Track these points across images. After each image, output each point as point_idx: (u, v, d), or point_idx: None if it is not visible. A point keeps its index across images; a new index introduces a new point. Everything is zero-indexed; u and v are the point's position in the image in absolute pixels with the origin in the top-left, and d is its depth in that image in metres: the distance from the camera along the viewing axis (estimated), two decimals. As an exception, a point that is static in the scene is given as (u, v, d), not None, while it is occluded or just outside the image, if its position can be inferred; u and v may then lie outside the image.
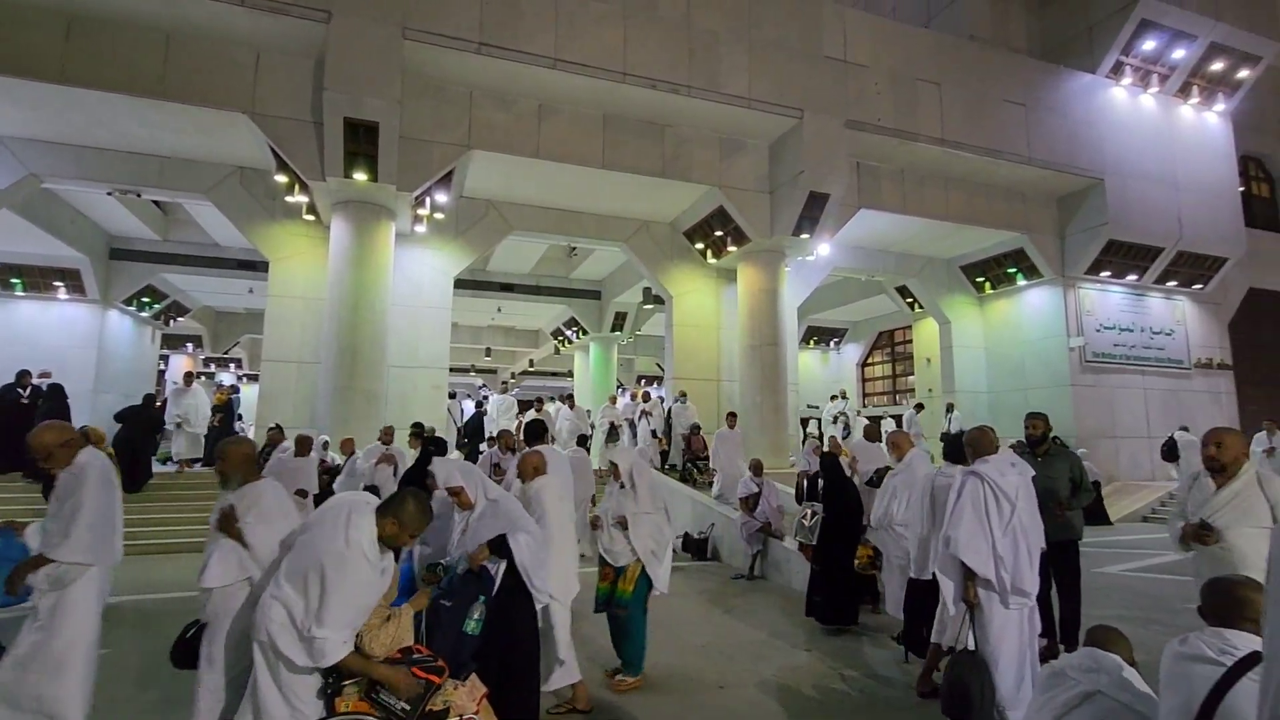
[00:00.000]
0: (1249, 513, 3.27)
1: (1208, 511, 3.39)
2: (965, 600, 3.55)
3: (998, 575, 3.47)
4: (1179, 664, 1.66)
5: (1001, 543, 3.51)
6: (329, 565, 2.26)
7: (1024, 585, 3.46)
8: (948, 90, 12.60)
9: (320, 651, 2.22)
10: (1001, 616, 3.48)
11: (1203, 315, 15.66)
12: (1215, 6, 14.22)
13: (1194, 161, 14.74)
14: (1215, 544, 3.32)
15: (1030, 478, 3.70)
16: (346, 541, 2.31)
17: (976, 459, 3.81)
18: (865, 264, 15.08)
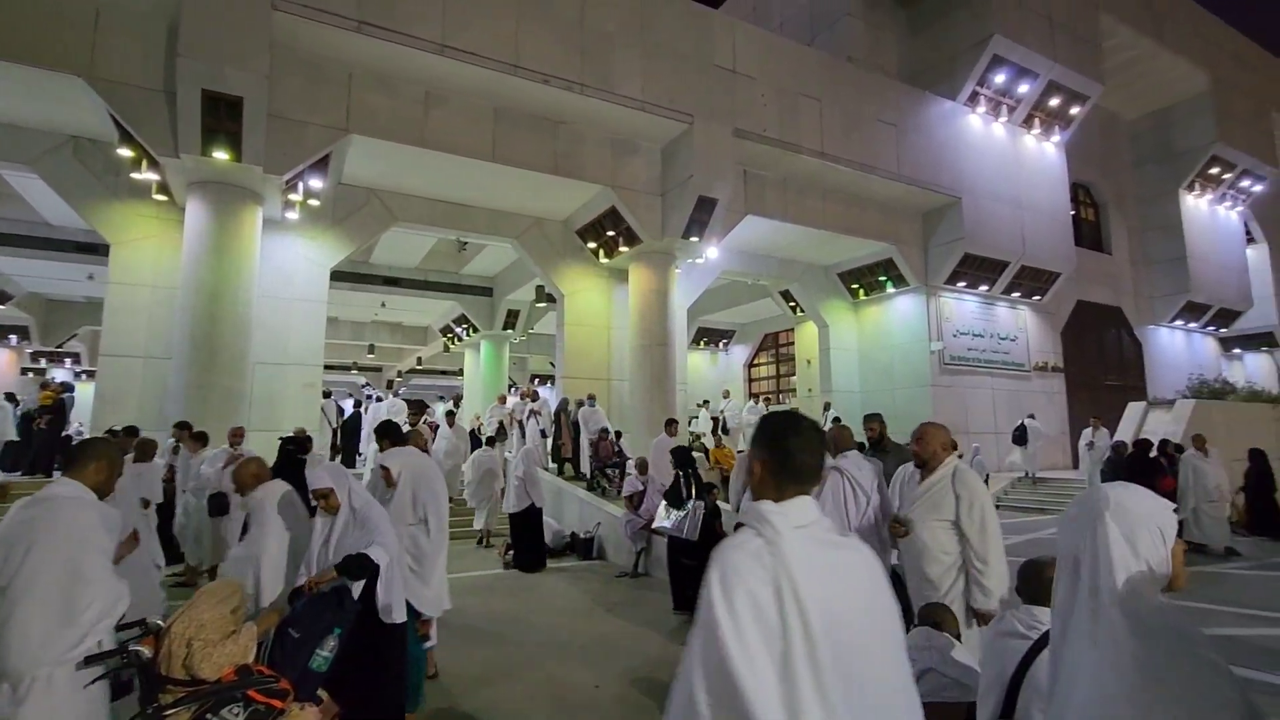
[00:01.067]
0: (938, 507, 3.35)
1: (907, 505, 3.50)
2: None
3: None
4: (996, 640, 1.83)
5: (858, 533, 3.75)
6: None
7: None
8: (827, 106, 13.34)
9: None
10: None
11: (1040, 323, 17.55)
12: (1053, 49, 15.98)
13: (1035, 186, 16.48)
14: (905, 536, 3.43)
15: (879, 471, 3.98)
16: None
17: (838, 454, 4.05)
18: (752, 268, 15.68)
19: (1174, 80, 20.11)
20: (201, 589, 2.57)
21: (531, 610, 6.28)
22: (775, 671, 1.13)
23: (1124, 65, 18.91)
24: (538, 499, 8.12)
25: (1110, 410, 15.62)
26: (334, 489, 3.16)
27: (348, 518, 3.17)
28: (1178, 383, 18.56)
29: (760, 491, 1.38)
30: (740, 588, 1.17)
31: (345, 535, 3.15)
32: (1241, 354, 24.25)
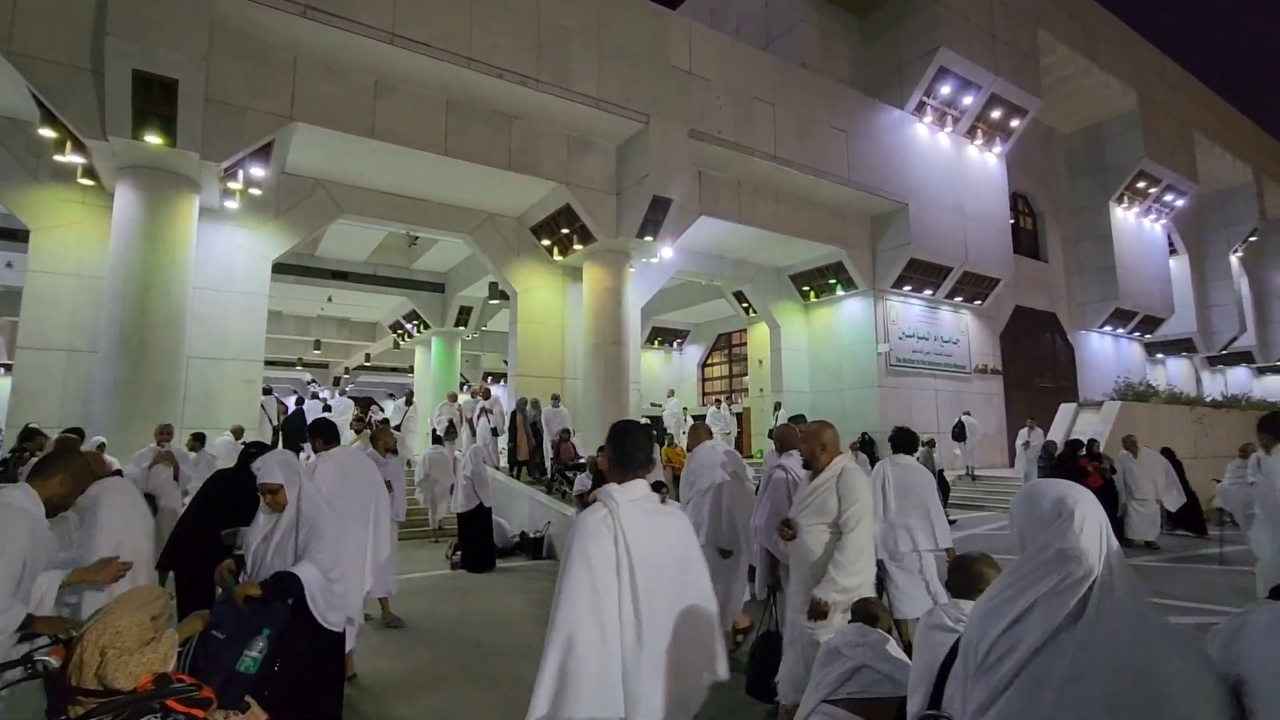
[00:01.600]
0: (822, 510, 3.26)
1: (794, 507, 3.43)
2: (769, 585, 3.83)
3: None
4: (926, 633, 1.88)
5: None
6: None
7: None
8: (781, 111, 13.56)
9: None
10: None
11: (981, 327, 18.22)
12: (995, 63, 16.62)
13: (977, 194, 17.10)
14: (792, 539, 3.33)
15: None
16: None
17: (783, 453, 4.12)
18: (706, 268, 15.82)
19: (1106, 98, 21.18)
20: (120, 595, 2.44)
21: (477, 611, 6.19)
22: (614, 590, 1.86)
23: (1060, 81, 19.79)
24: (486, 499, 8.01)
25: (1044, 411, 16.34)
26: (283, 485, 3.01)
27: (292, 520, 3.03)
28: (1106, 385, 19.54)
29: (609, 477, 2.10)
30: (593, 541, 1.89)
31: (286, 539, 3.01)
32: (1164, 359, 25.70)
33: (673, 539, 2.03)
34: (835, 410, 16.16)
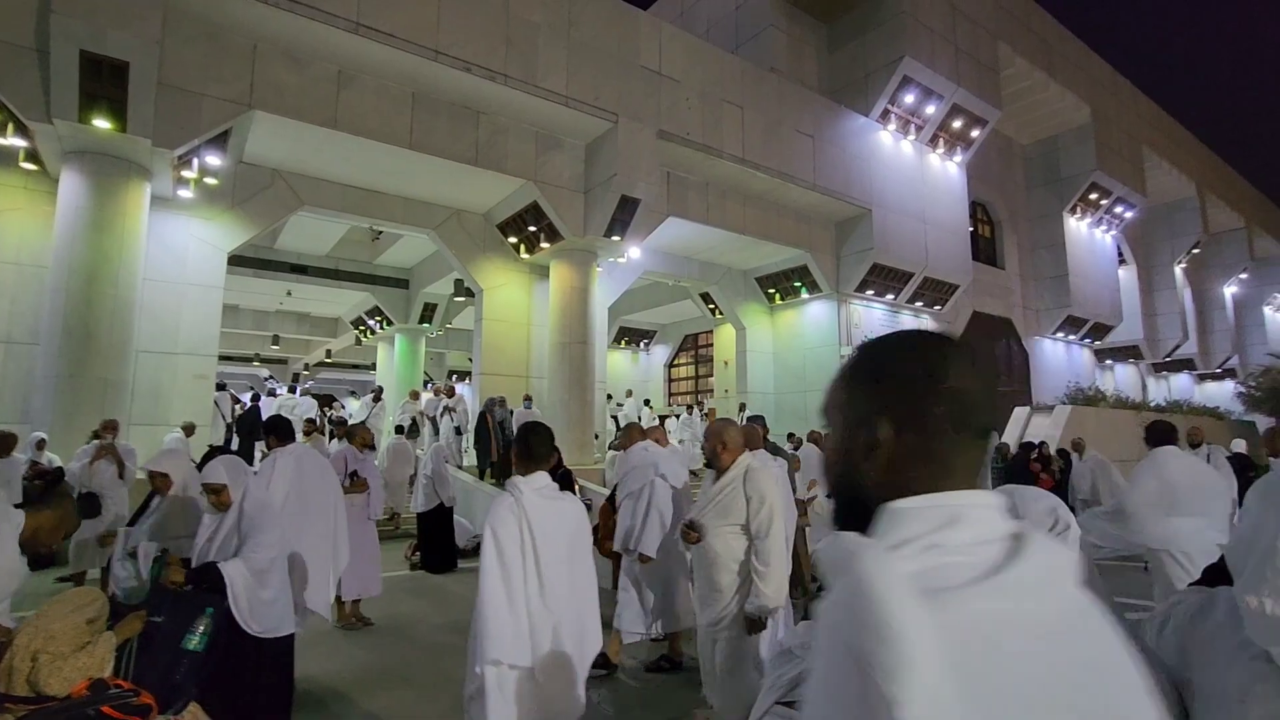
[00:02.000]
0: (728, 511, 3.16)
1: (697, 509, 3.32)
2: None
3: None
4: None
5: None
6: None
7: None
8: (749, 114, 13.68)
9: None
10: None
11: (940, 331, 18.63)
12: (957, 74, 17.04)
13: (938, 202, 17.52)
14: (697, 542, 3.20)
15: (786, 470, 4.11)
16: None
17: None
18: (673, 269, 15.88)
19: (1061, 110, 21.89)
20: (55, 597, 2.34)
21: (436, 612, 6.11)
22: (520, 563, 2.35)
23: (1019, 94, 20.39)
24: (447, 498, 7.90)
25: (1000, 414, 16.81)
26: (228, 485, 2.99)
27: (235, 520, 3.00)
28: (1058, 390, 20.21)
29: (516, 469, 2.53)
30: (502, 524, 2.37)
31: (230, 539, 2.97)
32: (1112, 365, 26.68)
33: (566, 520, 2.51)
34: (799, 411, 16.38)
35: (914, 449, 0.72)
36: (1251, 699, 0.94)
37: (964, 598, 0.59)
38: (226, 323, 13.22)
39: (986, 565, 0.63)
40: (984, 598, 0.60)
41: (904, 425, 0.73)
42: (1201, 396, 27.27)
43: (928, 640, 0.55)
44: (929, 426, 0.72)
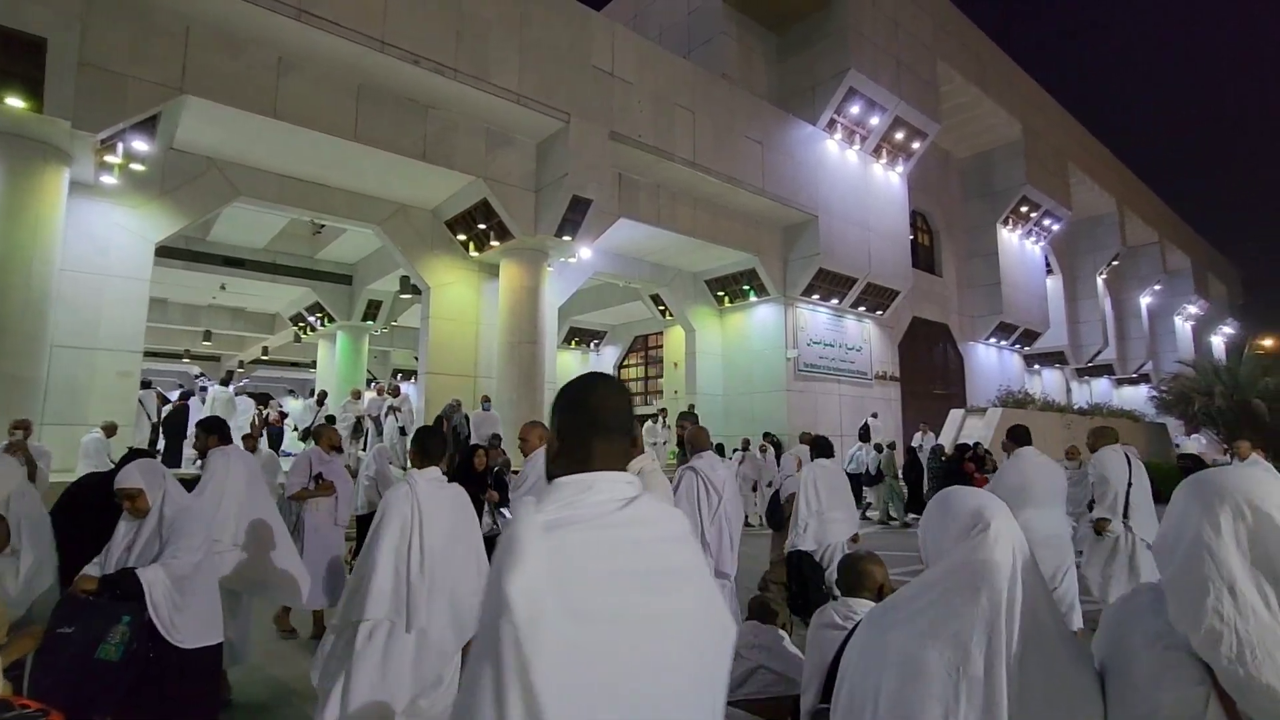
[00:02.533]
0: None
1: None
2: None
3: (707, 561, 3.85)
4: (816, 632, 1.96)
5: (709, 530, 3.88)
6: None
7: (724, 568, 3.88)
8: (700, 119, 13.83)
9: None
10: None
11: (881, 336, 19.27)
12: (900, 88, 17.64)
13: (881, 210, 18.09)
14: None
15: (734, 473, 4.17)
16: None
17: (693, 454, 4.19)
18: (624, 270, 15.91)
19: (995, 126, 22.93)
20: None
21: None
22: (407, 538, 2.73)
23: (956, 109, 21.26)
24: (391, 500, 7.68)
25: (937, 416, 17.47)
26: (144, 490, 2.82)
27: (154, 526, 2.83)
28: (990, 393, 21.14)
29: (413, 464, 3.00)
30: (395, 508, 2.75)
31: (149, 547, 2.80)
32: (1040, 369, 28.06)
33: (451, 507, 2.95)
34: (746, 412, 16.63)
35: (570, 446, 1.11)
36: (1164, 685, 1.01)
37: (569, 530, 0.97)
38: (154, 317, 12.54)
39: (595, 514, 1.01)
40: (582, 531, 0.98)
41: (564, 431, 1.13)
42: (1119, 400, 28.99)
43: (535, 551, 0.91)
44: (577, 431, 1.12)
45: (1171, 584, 1.05)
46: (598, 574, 0.95)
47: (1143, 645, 1.07)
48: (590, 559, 0.95)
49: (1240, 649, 0.94)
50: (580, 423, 1.12)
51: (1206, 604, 0.98)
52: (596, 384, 1.18)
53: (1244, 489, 1.03)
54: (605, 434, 1.11)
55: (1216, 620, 0.96)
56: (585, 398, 1.15)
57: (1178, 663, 1.01)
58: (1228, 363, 21.90)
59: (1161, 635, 1.04)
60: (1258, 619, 0.95)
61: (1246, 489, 1.03)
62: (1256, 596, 0.97)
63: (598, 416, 1.12)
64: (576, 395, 1.16)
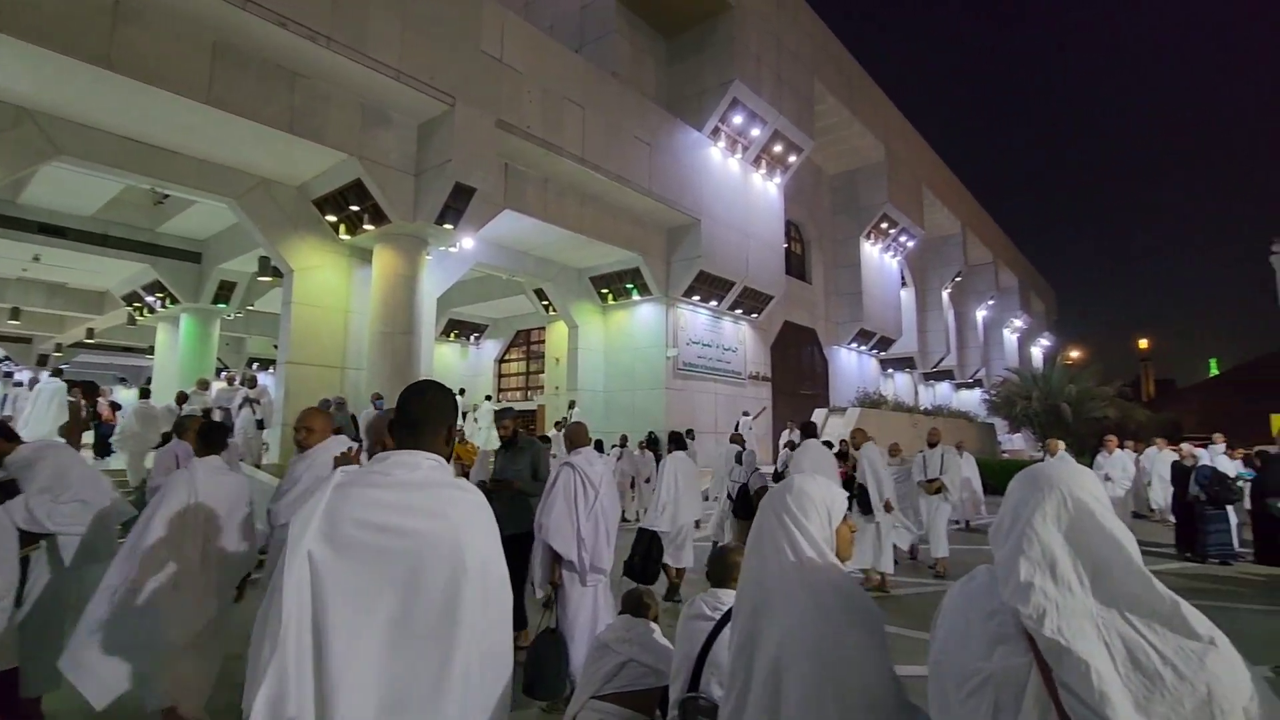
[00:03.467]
0: None
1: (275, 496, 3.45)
2: (550, 582, 3.86)
3: (579, 556, 3.82)
4: (685, 623, 2.02)
5: (585, 526, 3.88)
6: None
7: (599, 563, 3.90)
8: (590, 115, 13.82)
9: None
10: (579, 594, 3.82)
11: (756, 338, 20.23)
12: (780, 103, 18.58)
13: (758, 218, 18.97)
14: None
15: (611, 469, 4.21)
16: None
17: (572, 450, 4.19)
18: (508, 263, 15.58)
19: (862, 148, 24.76)
20: None
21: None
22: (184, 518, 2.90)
23: (829, 129, 22.73)
24: (242, 500, 7.06)
25: (803, 414, 18.59)
26: None
27: None
28: (850, 393, 22.81)
29: (197, 453, 3.21)
30: (174, 492, 2.93)
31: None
32: (893, 373, 30.66)
33: (230, 491, 3.11)
34: (627, 409, 16.85)
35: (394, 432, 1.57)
36: (996, 656, 1.13)
37: (350, 487, 1.42)
38: (-57, 289, 10.68)
39: (376, 478, 1.45)
40: (361, 488, 1.42)
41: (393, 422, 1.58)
42: (958, 402, 32.31)
43: (319, 499, 1.38)
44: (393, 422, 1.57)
45: (1003, 564, 1.18)
46: (352, 515, 1.37)
47: (979, 620, 1.19)
48: (351, 506, 1.38)
49: (1059, 622, 1.07)
50: (396, 417, 1.57)
51: (1034, 582, 1.11)
52: (410, 390, 1.63)
53: (1066, 480, 1.17)
54: (407, 426, 1.55)
55: (1040, 597, 1.09)
56: (402, 399, 1.60)
57: (1007, 636, 1.13)
58: (1044, 371, 25.01)
59: (996, 612, 1.17)
60: (1073, 596, 1.09)
61: (1069, 480, 1.18)
62: (1073, 576, 1.11)
63: (403, 413, 1.57)
64: (400, 397, 1.61)
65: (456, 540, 1.38)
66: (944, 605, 1.31)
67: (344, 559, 1.33)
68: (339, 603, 1.30)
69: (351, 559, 1.33)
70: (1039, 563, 1.12)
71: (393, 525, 1.37)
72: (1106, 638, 1.05)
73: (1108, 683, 1.03)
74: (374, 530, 1.36)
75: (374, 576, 1.33)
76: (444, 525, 1.39)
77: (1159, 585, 1.09)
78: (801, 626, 1.35)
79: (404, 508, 1.40)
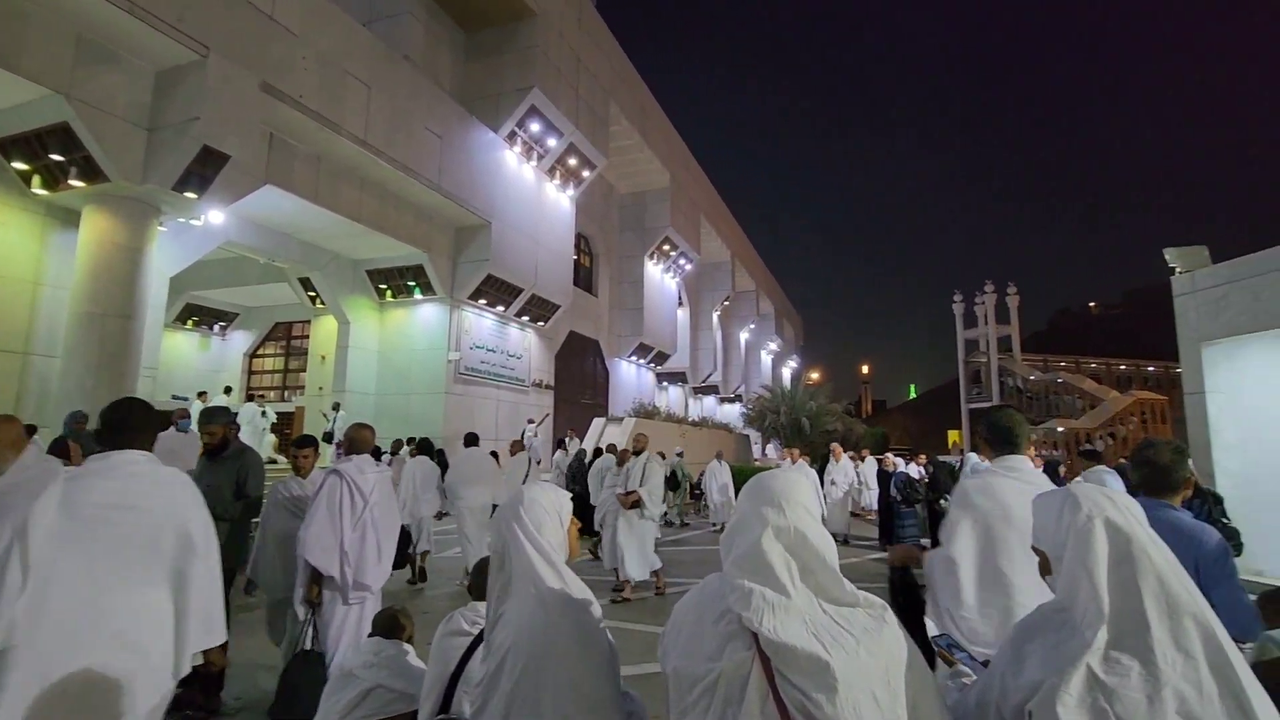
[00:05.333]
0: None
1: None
2: (308, 601, 3.48)
3: (341, 572, 3.51)
4: (441, 641, 1.92)
5: (350, 538, 3.56)
6: None
7: (363, 578, 3.59)
8: (377, 96, 12.84)
9: None
10: (342, 613, 3.53)
11: (541, 346, 20.32)
12: (576, 117, 18.98)
13: (550, 228, 19.13)
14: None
15: (387, 476, 3.92)
16: None
17: (346, 457, 3.83)
18: (267, 245, 13.80)
19: (650, 172, 26.28)
20: None
21: None
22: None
23: (621, 150, 23.77)
24: None
25: (584, 423, 19.08)
26: None
27: None
28: (628, 404, 23.92)
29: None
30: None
31: None
32: (667, 386, 32.83)
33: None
34: (401, 413, 15.85)
35: (102, 439, 2.16)
36: (724, 653, 1.24)
37: (79, 479, 2.00)
38: None
39: (97, 471, 2.08)
40: (85, 479, 2.02)
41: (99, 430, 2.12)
42: (722, 414, 35.54)
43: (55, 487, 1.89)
44: (101, 431, 2.16)
45: (730, 571, 1.30)
46: (80, 499, 1.92)
47: (710, 623, 1.30)
48: (79, 492, 1.92)
49: (774, 620, 1.20)
50: (108, 425, 2.13)
51: (755, 583, 1.23)
52: (116, 406, 2.17)
53: (786, 489, 1.33)
54: (120, 432, 2.11)
55: (760, 599, 1.22)
56: (109, 413, 2.16)
57: (734, 635, 1.24)
58: (791, 390, 28.60)
59: (725, 613, 1.28)
60: (787, 597, 1.23)
61: (787, 489, 1.33)
62: (786, 573, 1.26)
63: (113, 423, 2.14)
64: (108, 413, 2.17)
65: (175, 511, 2.07)
66: (677, 611, 1.41)
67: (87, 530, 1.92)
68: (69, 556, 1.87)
69: (95, 530, 1.93)
70: (759, 565, 1.25)
71: (128, 504, 2.00)
72: (814, 629, 1.21)
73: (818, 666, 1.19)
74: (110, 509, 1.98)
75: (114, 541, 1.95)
76: (165, 501, 2.06)
77: (846, 582, 1.28)
78: (531, 629, 1.47)
79: (135, 491, 2.04)
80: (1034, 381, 29.63)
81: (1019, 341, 31.78)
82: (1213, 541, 2.15)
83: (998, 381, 29.86)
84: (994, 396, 29.61)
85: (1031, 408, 28.07)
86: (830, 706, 1.13)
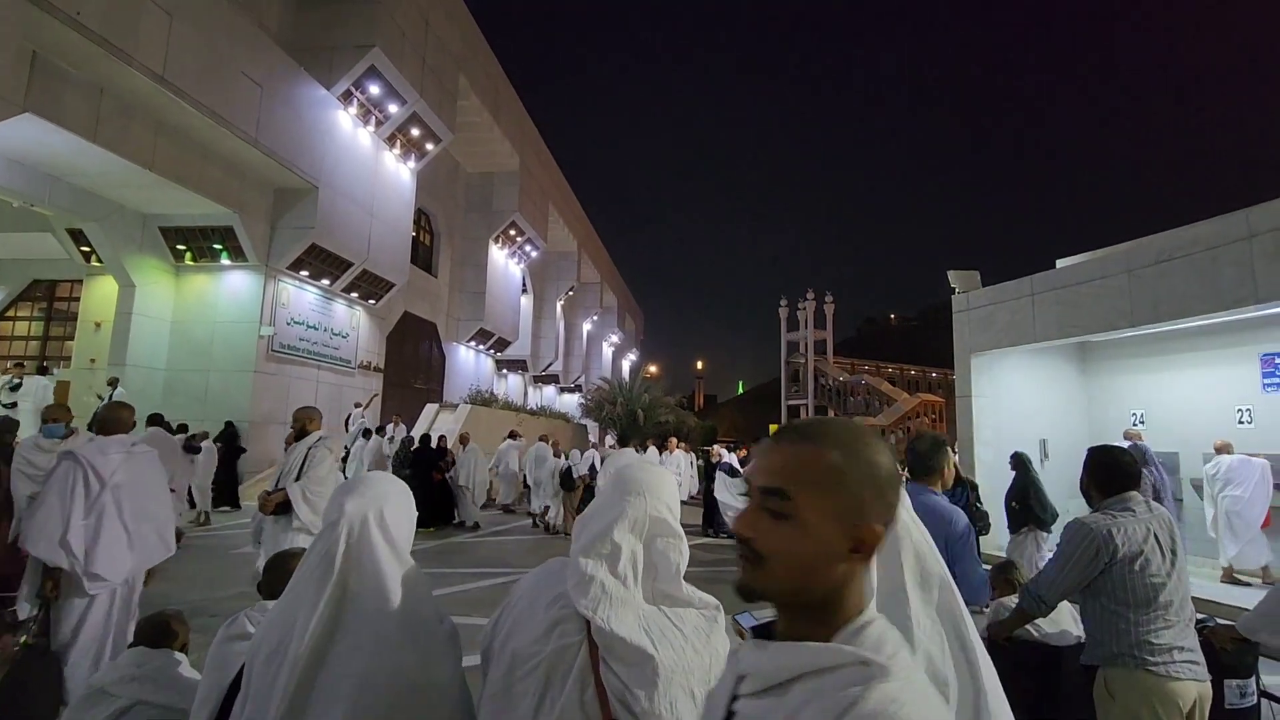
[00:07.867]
0: None
1: None
2: (43, 595, 3.09)
3: (70, 561, 3.19)
4: (222, 645, 1.72)
5: (79, 525, 3.23)
6: None
7: (94, 568, 3.25)
8: (181, 27, 11.16)
9: None
10: (81, 606, 3.24)
11: (371, 325, 19.01)
12: (422, 86, 17.89)
13: (387, 199, 17.91)
14: None
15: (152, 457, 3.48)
16: None
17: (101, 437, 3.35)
18: (24, 186, 11.53)
19: (499, 154, 25.53)
20: None
21: None
22: None
23: (469, 126, 22.81)
24: None
25: (416, 409, 18.13)
26: None
27: None
28: (464, 390, 23.13)
29: None
30: None
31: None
32: (507, 373, 32.20)
33: None
34: (199, 391, 14.06)
35: None
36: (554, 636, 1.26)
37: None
38: None
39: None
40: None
41: None
42: (560, 404, 35.59)
43: None
44: None
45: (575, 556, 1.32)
46: None
47: (543, 606, 1.31)
48: None
49: (609, 610, 1.23)
50: None
51: (596, 576, 1.26)
52: None
53: (651, 484, 1.37)
54: None
55: (599, 589, 1.25)
56: None
57: (566, 619, 1.27)
58: (629, 382, 29.31)
59: (559, 597, 1.30)
60: (625, 590, 1.28)
61: (653, 484, 1.38)
62: (630, 573, 1.30)
63: None
64: None
65: None
66: (513, 592, 1.41)
67: None
68: None
69: None
70: (606, 556, 1.29)
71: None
72: (645, 623, 1.26)
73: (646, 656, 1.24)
74: None
75: None
76: None
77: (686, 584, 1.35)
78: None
79: None
80: (843, 382, 32.99)
81: (832, 346, 35.19)
82: (961, 524, 2.54)
83: (814, 381, 32.83)
84: (810, 395, 32.55)
85: (843, 407, 31.30)
86: (648, 701, 1.18)
